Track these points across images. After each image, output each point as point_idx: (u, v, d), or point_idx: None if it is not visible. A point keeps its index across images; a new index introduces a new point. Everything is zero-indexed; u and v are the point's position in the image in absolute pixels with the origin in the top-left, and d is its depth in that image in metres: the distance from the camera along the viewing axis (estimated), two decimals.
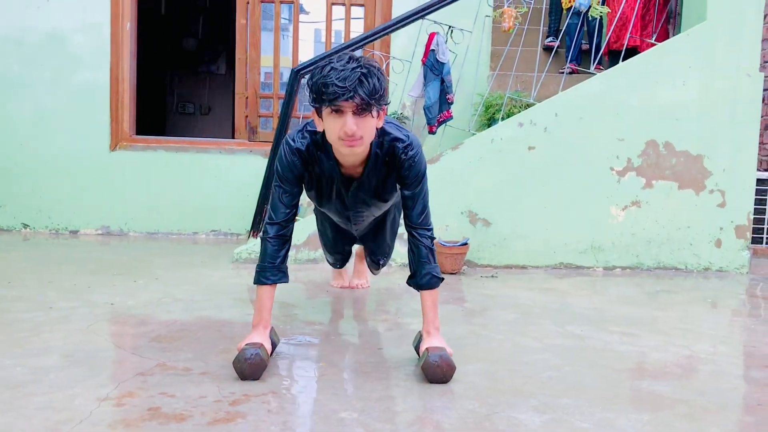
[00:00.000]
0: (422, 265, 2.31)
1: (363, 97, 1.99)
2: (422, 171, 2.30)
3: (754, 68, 4.40)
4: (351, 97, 1.98)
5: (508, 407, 1.97)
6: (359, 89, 1.98)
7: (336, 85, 1.98)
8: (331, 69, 2.01)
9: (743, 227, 4.44)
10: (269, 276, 2.29)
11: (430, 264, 2.31)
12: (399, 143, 2.25)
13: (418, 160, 2.27)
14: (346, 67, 2.01)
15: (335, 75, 1.99)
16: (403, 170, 2.27)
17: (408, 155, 2.25)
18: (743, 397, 2.21)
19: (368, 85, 2.00)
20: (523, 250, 4.37)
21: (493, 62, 5.47)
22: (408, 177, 2.27)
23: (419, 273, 2.31)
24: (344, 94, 1.98)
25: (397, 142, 2.25)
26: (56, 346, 2.41)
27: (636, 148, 4.37)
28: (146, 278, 3.69)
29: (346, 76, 1.98)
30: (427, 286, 2.31)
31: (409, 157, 2.25)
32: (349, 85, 1.97)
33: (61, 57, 5.33)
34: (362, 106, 2.01)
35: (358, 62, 2.04)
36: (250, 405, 1.92)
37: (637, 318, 3.18)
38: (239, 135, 5.71)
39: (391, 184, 2.35)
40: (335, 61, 2.04)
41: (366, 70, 2.02)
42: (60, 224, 5.37)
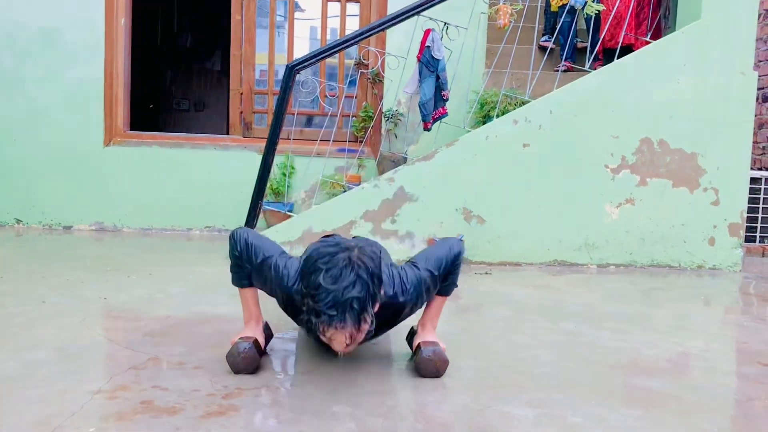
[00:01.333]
0: (450, 275, 2.27)
1: (354, 323, 1.80)
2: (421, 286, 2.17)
3: (748, 67, 4.41)
4: (341, 323, 1.79)
5: (500, 402, 1.97)
6: (349, 316, 1.79)
7: (325, 310, 1.78)
8: (320, 286, 1.80)
9: (737, 225, 4.45)
10: (242, 280, 2.24)
11: (455, 275, 2.29)
12: (397, 298, 2.12)
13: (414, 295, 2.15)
14: (337, 288, 1.78)
15: (324, 296, 1.79)
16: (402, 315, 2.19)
17: (398, 306, 2.13)
18: (734, 392, 2.22)
19: (359, 305, 1.80)
20: (518, 247, 4.37)
21: (489, 59, 5.46)
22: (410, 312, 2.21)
23: (445, 280, 2.26)
24: (333, 320, 1.79)
25: (395, 298, 2.11)
26: (48, 341, 2.40)
27: (630, 146, 4.38)
28: (140, 274, 3.68)
29: (336, 302, 1.78)
30: (444, 292, 2.31)
31: (405, 304, 2.14)
32: (338, 313, 1.78)
33: (55, 52, 5.30)
34: (354, 332, 1.82)
35: (351, 275, 1.81)
36: (243, 398, 1.92)
37: (631, 315, 3.19)
38: (234, 131, 5.70)
39: (390, 325, 2.25)
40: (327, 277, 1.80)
41: (359, 285, 1.80)
42: (53, 219, 5.35)
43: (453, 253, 2.25)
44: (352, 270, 1.82)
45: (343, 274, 1.81)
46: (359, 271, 1.82)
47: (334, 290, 1.78)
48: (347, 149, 5.39)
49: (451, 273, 2.26)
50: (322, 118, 5.64)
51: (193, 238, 5.19)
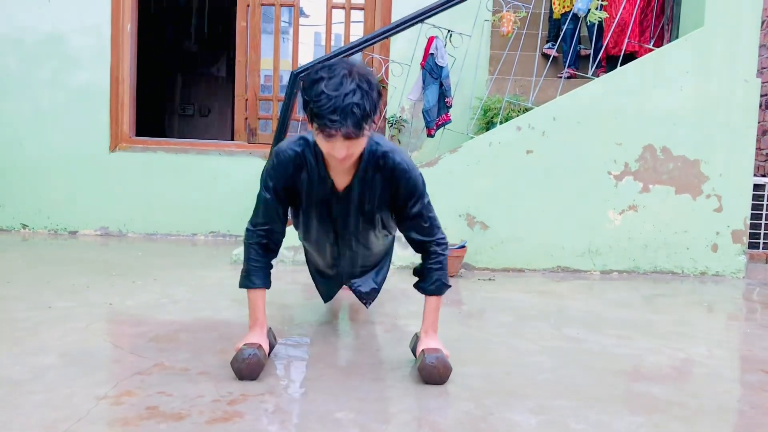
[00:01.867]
0: (433, 272, 2.31)
1: (354, 127, 1.94)
2: (420, 183, 2.27)
3: (751, 74, 4.42)
4: (341, 129, 1.94)
5: (503, 409, 1.98)
6: (350, 119, 1.93)
7: (327, 118, 1.93)
8: (322, 93, 1.94)
9: (740, 232, 4.46)
10: (255, 280, 2.29)
11: (441, 271, 2.32)
12: (392, 155, 2.22)
13: (413, 172, 2.25)
14: (338, 91, 1.93)
15: (326, 101, 1.93)
16: (400, 186, 2.24)
17: (402, 167, 2.22)
18: (737, 400, 2.23)
19: (360, 112, 1.95)
20: (521, 253, 4.38)
21: (492, 66, 5.49)
22: (407, 192, 2.25)
23: (429, 279, 2.31)
24: (334, 127, 1.93)
25: (391, 154, 2.22)
26: (54, 346, 2.42)
27: (633, 153, 4.39)
28: (145, 279, 3.70)
29: (337, 105, 1.92)
30: (436, 292, 2.32)
31: (404, 170, 2.22)
32: (339, 119, 1.92)
33: (60, 57, 5.34)
34: (353, 134, 1.96)
35: (350, 79, 1.96)
36: (248, 405, 1.93)
37: (634, 321, 3.19)
38: (239, 137, 5.73)
39: (382, 201, 2.30)
40: (327, 78, 1.96)
41: (359, 91, 1.95)
42: (59, 224, 5.38)
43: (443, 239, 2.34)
44: (352, 80, 1.96)
45: (344, 83, 1.95)
46: (359, 81, 1.97)
47: (335, 96, 1.93)
48: None
49: (435, 265, 2.30)
50: None
51: (198, 244, 5.21)
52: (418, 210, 2.27)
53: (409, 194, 2.26)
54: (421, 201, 2.28)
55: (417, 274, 2.40)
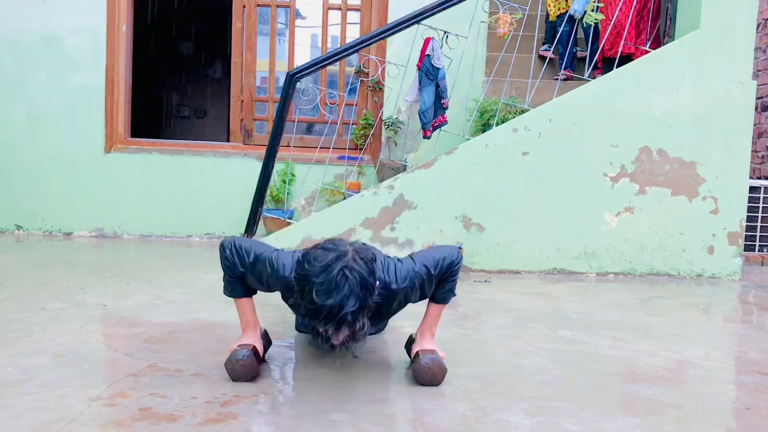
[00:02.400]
0: (447, 282, 2.27)
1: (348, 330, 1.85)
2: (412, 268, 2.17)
3: (746, 76, 4.43)
4: (335, 334, 1.84)
5: (498, 410, 1.98)
6: (344, 328, 1.83)
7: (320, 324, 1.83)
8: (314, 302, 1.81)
9: (736, 234, 4.46)
10: (235, 291, 2.26)
11: (453, 282, 2.29)
12: (390, 286, 2.12)
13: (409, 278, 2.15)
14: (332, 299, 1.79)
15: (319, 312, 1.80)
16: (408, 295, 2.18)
17: (399, 287, 2.13)
18: (733, 401, 2.22)
19: (353, 321, 1.83)
20: (517, 255, 4.38)
21: (488, 68, 5.48)
22: (406, 300, 2.20)
23: (442, 287, 2.27)
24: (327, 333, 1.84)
25: (388, 287, 2.11)
26: (48, 347, 2.41)
27: (629, 155, 4.39)
28: (139, 280, 3.69)
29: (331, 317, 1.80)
30: (442, 300, 2.31)
31: (402, 288, 2.13)
32: (334, 328, 1.82)
33: (56, 59, 5.32)
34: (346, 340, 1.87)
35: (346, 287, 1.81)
36: (242, 406, 1.92)
37: (629, 323, 3.19)
38: (234, 138, 5.71)
39: (384, 315, 2.26)
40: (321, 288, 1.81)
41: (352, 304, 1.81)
42: (54, 226, 5.36)
43: (450, 259, 2.25)
44: (346, 282, 1.82)
45: (337, 288, 1.81)
46: (352, 282, 1.82)
47: (329, 306, 1.80)
48: (347, 157, 5.40)
49: (449, 280, 2.26)
50: (323, 126, 5.65)
51: (193, 245, 5.20)
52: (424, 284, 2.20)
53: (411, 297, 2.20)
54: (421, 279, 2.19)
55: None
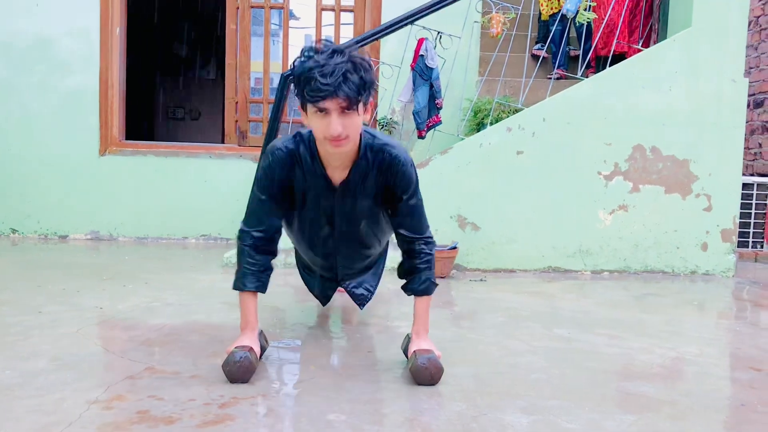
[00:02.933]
0: (421, 272, 2.30)
1: (348, 95, 1.91)
2: (415, 178, 2.27)
3: (738, 74, 4.45)
4: (335, 95, 1.90)
5: (495, 409, 1.99)
6: (344, 87, 1.89)
7: (319, 82, 1.89)
8: (313, 63, 1.92)
9: (729, 231, 4.48)
10: (246, 283, 2.27)
11: (429, 270, 2.31)
12: (389, 148, 2.21)
13: (410, 167, 2.24)
14: (328, 62, 1.91)
15: (318, 71, 1.90)
16: (396, 178, 2.23)
17: (400, 160, 2.21)
18: (728, 398, 2.24)
19: (353, 81, 1.91)
20: (512, 254, 4.40)
21: (482, 67, 5.50)
22: (402, 185, 2.24)
23: (417, 279, 2.30)
24: (328, 93, 1.89)
25: (388, 147, 2.21)
26: (45, 350, 2.41)
27: (623, 153, 4.41)
28: (135, 283, 3.69)
29: (328, 71, 1.89)
30: (425, 292, 2.31)
31: (401, 162, 2.21)
32: (332, 83, 1.88)
33: (49, 62, 5.32)
34: (347, 104, 1.93)
35: (342, 55, 1.94)
36: (239, 408, 1.93)
37: (624, 321, 3.21)
38: (229, 140, 5.72)
39: (380, 194, 2.29)
40: (318, 54, 1.94)
41: (351, 64, 1.93)
42: (49, 229, 5.35)
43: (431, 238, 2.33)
44: (342, 54, 1.94)
45: (334, 56, 1.93)
46: (350, 56, 1.95)
47: (326, 64, 1.90)
48: None
49: (423, 268, 2.29)
50: None
51: (189, 247, 5.20)
52: (411, 205, 2.27)
53: (405, 188, 2.25)
54: (414, 196, 2.27)
55: (402, 275, 2.38)
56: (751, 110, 6.31)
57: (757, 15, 6.50)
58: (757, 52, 6.43)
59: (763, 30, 6.42)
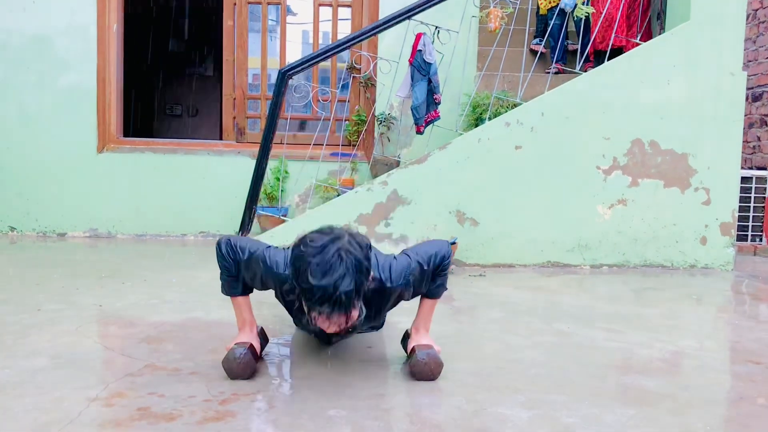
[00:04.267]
0: (438, 276, 2.27)
1: (345, 313, 1.84)
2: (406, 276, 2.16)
3: (737, 67, 4.45)
4: (331, 316, 1.84)
5: (495, 404, 1.99)
6: (339, 309, 1.83)
7: (316, 306, 1.83)
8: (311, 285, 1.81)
9: (728, 224, 4.48)
10: (231, 290, 2.28)
11: (444, 277, 2.30)
12: (384, 284, 2.12)
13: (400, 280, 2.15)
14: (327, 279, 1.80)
15: (315, 293, 1.81)
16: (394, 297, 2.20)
17: (387, 286, 2.13)
18: (727, 391, 2.24)
19: (348, 302, 1.83)
20: (511, 249, 4.39)
21: (480, 62, 5.48)
22: (402, 295, 2.20)
23: (433, 282, 2.27)
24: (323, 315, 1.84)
25: (383, 284, 2.12)
26: (44, 348, 2.41)
27: (622, 147, 4.41)
28: (134, 280, 3.69)
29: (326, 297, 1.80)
30: (435, 294, 2.31)
31: (391, 288, 2.14)
32: (329, 309, 1.82)
33: (47, 59, 5.30)
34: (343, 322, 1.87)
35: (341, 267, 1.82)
36: (240, 404, 1.93)
37: (624, 315, 3.21)
38: (227, 136, 5.71)
39: (381, 310, 2.27)
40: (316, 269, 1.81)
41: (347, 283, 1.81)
42: (47, 227, 5.35)
43: (442, 253, 2.25)
44: (341, 263, 1.83)
45: (333, 268, 1.82)
46: (348, 263, 1.84)
47: (324, 286, 1.80)
48: (340, 153, 5.40)
49: (440, 274, 2.27)
50: (315, 123, 5.64)
51: (188, 244, 5.19)
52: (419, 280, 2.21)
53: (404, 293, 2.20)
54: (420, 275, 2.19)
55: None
56: (749, 103, 6.31)
57: (755, 8, 6.50)
58: (755, 46, 6.43)
59: (762, 23, 6.42)
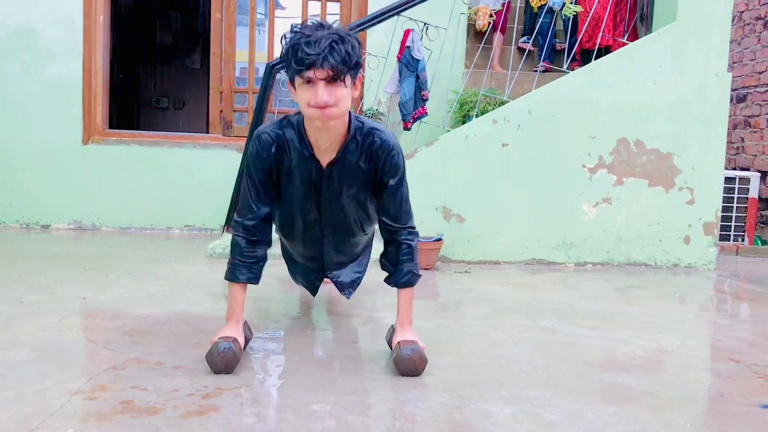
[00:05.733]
0: (403, 263, 2.30)
1: (334, 64, 1.92)
2: (402, 165, 2.27)
3: (722, 68, 4.48)
4: (321, 65, 1.91)
5: (478, 399, 2.00)
6: (330, 56, 1.91)
7: (305, 52, 1.91)
8: (300, 35, 1.94)
9: (711, 224, 4.53)
10: (238, 275, 2.27)
11: (412, 262, 2.31)
12: (379, 133, 2.22)
13: (398, 153, 2.25)
14: (315, 34, 1.94)
15: (304, 41, 1.92)
16: (384, 163, 2.23)
17: (389, 145, 2.21)
18: (707, 388, 2.27)
19: (340, 51, 1.92)
20: (496, 245, 4.41)
21: (468, 59, 5.50)
22: (389, 170, 2.24)
23: (400, 272, 2.30)
24: (314, 62, 1.91)
25: (377, 132, 2.21)
26: (26, 340, 2.39)
27: (607, 146, 4.43)
28: (119, 273, 3.66)
29: (315, 40, 1.91)
30: (407, 284, 2.32)
31: (389, 148, 2.21)
32: (318, 52, 1.90)
33: (31, 50, 5.25)
34: (334, 74, 1.94)
35: (329, 29, 1.98)
36: (223, 398, 1.93)
37: (607, 312, 3.23)
38: (214, 130, 5.68)
39: (368, 179, 2.28)
40: (305, 28, 1.98)
41: (337, 36, 1.95)
42: (31, 219, 5.30)
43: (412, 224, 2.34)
44: (328, 27, 1.98)
45: (320, 28, 1.97)
46: (336, 29, 1.98)
47: (312, 34, 1.93)
48: None
49: (405, 259, 2.30)
50: None
51: (173, 237, 5.17)
52: (396, 191, 2.27)
53: (392, 174, 2.25)
54: (400, 184, 2.28)
55: (385, 266, 2.38)
56: (734, 105, 6.36)
57: (741, 10, 6.55)
58: (740, 47, 6.48)
59: (747, 25, 6.47)
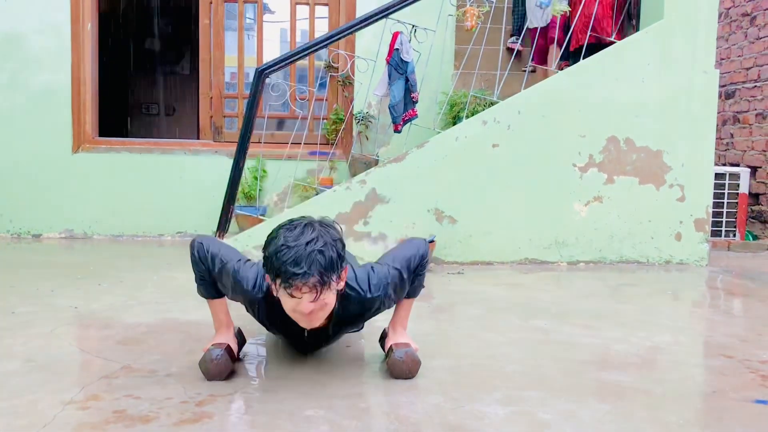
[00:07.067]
0: (416, 278, 2.26)
1: (319, 281, 1.83)
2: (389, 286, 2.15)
3: (710, 65, 4.50)
4: (306, 282, 1.82)
5: (472, 401, 2.00)
6: (315, 271, 1.82)
7: (290, 272, 1.81)
8: (282, 246, 1.84)
9: (702, 220, 4.54)
10: (205, 293, 2.27)
11: (423, 277, 2.29)
12: (356, 293, 2.09)
13: (378, 292, 2.12)
14: (299, 241, 1.84)
15: (287, 252, 1.82)
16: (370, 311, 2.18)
17: (366, 298, 2.10)
18: (700, 385, 2.28)
19: (323, 262, 1.83)
20: (489, 246, 4.41)
21: (457, 61, 5.50)
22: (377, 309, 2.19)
23: (412, 283, 2.26)
24: (299, 281, 1.82)
25: (352, 291, 2.09)
26: (18, 351, 2.38)
27: (597, 145, 4.45)
28: (111, 281, 3.65)
29: (299, 254, 1.82)
30: (412, 294, 2.31)
31: (367, 299, 2.11)
32: (304, 271, 1.81)
33: (19, 58, 5.23)
34: (319, 284, 1.84)
35: (312, 229, 1.88)
36: (217, 405, 1.92)
37: (600, 311, 3.24)
38: (204, 135, 5.67)
39: (357, 320, 2.24)
40: (287, 230, 1.88)
41: (322, 241, 1.85)
42: (22, 228, 5.28)
43: (420, 254, 2.25)
44: (313, 230, 1.89)
45: (305, 232, 1.88)
46: (321, 232, 1.89)
47: (296, 245, 1.84)
48: (319, 152, 5.39)
49: (419, 275, 2.27)
50: (293, 121, 5.63)
51: (165, 244, 5.16)
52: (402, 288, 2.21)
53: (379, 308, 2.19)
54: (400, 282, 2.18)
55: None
56: (722, 101, 6.39)
57: (727, 7, 6.58)
58: (727, 44, 6.51)
59: (733, 22, 6.50)
